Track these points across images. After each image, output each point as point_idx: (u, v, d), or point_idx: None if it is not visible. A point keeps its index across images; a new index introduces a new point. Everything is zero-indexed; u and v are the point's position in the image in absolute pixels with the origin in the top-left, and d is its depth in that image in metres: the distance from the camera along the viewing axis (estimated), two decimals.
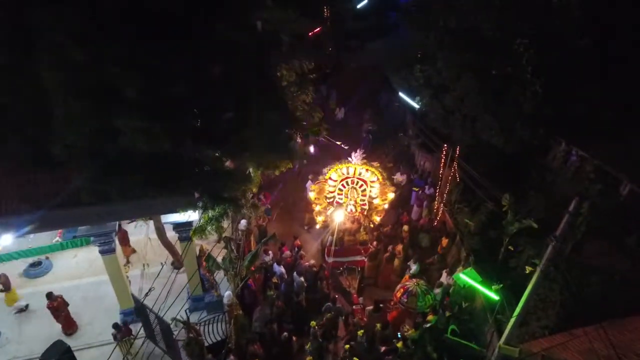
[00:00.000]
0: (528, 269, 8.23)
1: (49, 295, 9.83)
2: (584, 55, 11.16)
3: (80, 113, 6.11)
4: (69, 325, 10.23)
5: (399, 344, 9.17)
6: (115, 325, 9.38)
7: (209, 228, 8.35)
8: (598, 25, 11.42)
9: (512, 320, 7.47)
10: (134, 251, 12.34)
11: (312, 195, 12.36)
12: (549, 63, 11.22)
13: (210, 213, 8.30)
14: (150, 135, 6.43)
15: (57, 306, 9.86)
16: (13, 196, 7.62)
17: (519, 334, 8.68)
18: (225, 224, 9.28)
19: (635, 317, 8.13)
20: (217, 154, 7.94)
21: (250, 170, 8.53)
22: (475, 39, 12.38)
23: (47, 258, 12.21)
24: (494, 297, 8.52)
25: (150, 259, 11.90)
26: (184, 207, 8.15)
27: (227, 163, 8.53)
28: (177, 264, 11.77)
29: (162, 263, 10.32)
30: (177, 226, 9.31)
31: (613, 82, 11.16)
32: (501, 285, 8.67)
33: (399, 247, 12.36)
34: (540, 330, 8.71)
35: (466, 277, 9.03)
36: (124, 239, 12.01)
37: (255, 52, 7.89)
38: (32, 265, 11.91)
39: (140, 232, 12.76)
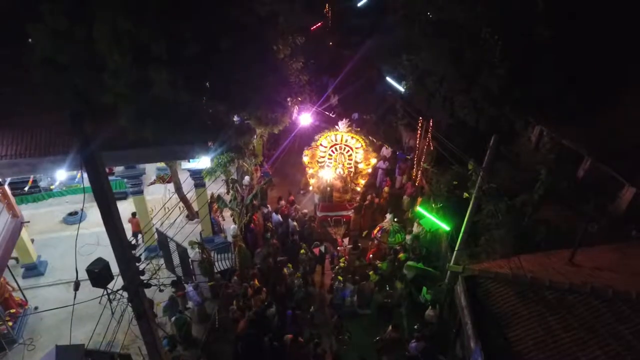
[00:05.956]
0: (465, 195, 10.12)
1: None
2: (547, 45, 12.81)
3: (125, 66, 8.18)
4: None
5: (371, 273, 11.13)
6: (173, 283, 10.33)
7: (218, 171, 10.40)
8: (561, 18, 13.14)
9: (459, 240, 9.39)
10: None
11: (305, 159, 14.36)
12: (514, 50, 13.03)
13: (221, 159, 10.37)
14: (174, 86, 8.49)
15: None
16: (66, 140, 9.74)
17: (469, 264, 10.59)
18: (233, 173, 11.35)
19: (562, 250, 10.00)
20: (225, 110, 9.97)
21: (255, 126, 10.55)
22: (451, 28, 14.33)
23: (82, 210, 14.45)
24: (445, 227, 10.44)
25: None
26: (199, 153, 10.21)
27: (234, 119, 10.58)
28: (190, 216, 13.88)
29: (179, 207, 12.41)
30: (194, 173, 11.39)
31: (576, 69, 12.42)
32: (440, 205, 10.57)
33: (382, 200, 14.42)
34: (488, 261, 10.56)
35: (422, 210, 10.98)
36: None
37: (256, 30, 9.96)
38: (70, 214, 14.20)
39: (159, 190, 15.07)
